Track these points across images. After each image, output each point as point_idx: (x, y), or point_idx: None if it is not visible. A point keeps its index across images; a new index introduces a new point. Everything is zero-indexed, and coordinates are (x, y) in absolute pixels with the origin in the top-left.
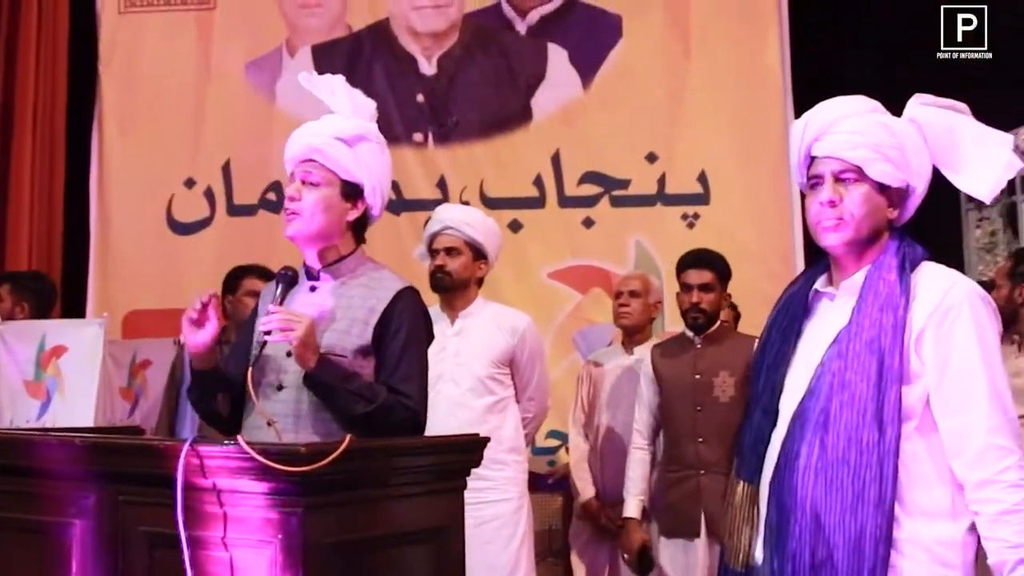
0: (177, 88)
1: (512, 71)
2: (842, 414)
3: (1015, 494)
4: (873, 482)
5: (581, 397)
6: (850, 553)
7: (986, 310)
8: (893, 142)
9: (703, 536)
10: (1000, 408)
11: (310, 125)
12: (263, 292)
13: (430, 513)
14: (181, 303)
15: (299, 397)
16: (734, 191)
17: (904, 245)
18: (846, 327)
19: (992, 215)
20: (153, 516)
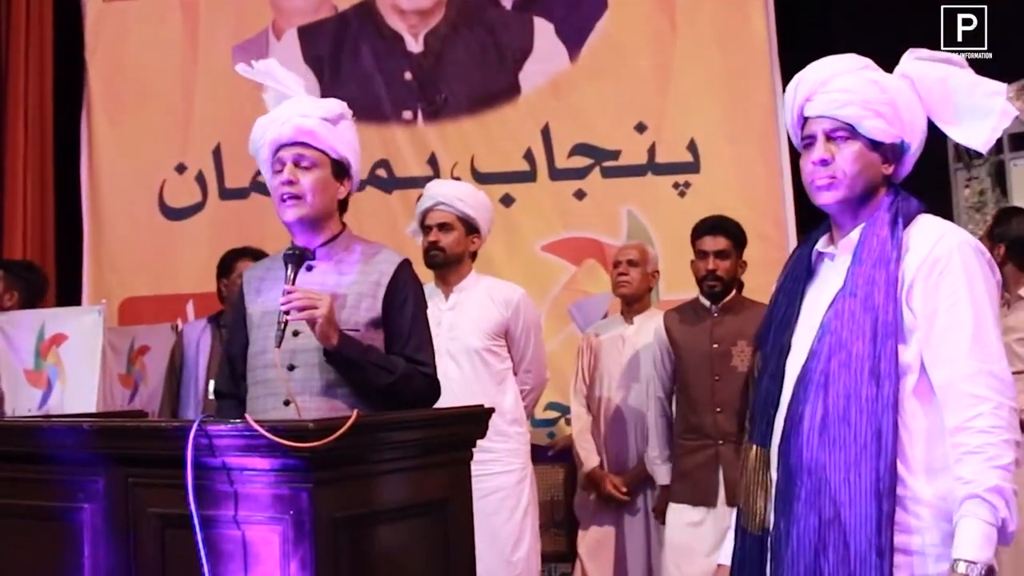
0: (164, 74)
1: (499, 46)
2: (841, 373)
3: (980, 438)
4: (873, 438)
5: (582, 368)
6: (855, 511)
7: (977, 260)
8: (884, 98)
9: (720, 505)
10: (980, 356)
11: (294, 107)
12: (248, 274)
13: (437, 485)
14: (176, 289)
15: (311, 375)
16: (724, 159)
17: (899, 200)
18: (842, 287)
19: (980, 174)
20: (164, 497)
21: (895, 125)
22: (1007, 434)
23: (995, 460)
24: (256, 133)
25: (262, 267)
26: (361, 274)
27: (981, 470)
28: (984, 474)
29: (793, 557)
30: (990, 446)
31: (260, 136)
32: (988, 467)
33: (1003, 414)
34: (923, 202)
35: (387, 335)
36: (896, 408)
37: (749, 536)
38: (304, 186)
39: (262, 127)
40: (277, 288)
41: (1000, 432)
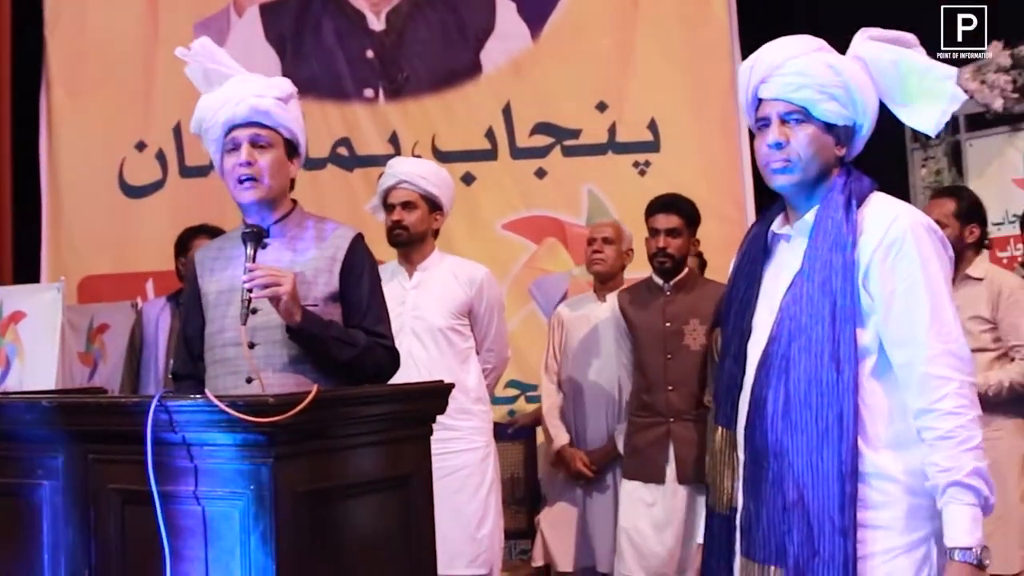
0: (125, 51)
1: (461, 24)
2: (801, 358)
3: (950, 420)
4: (835, 420)
5: (553, 345)
6: (819, 492)
7: (930, 239)
8: (838, 81)
9: (669, 481)
10: (941, 337)
11: (247, 87)
12: (200, 254)
13: (398, 460)
14: (136, 266)
15: (273, 352)
16: (684, 138)
17: (851, 180)
18: (799, 270)
19: (937, 154)
20: (124, 473)
21: (848, 108)
22: (973, 411)
23: (968, 442)
24: (204, 113)
25: (214, 247)
26: (317, 250)
27: (956, 455)
28: (961, 459)
29: (764, 537)
30: (961, 428)
31: (210, 116)
32: (962, 451)
33: (966, 392)
34: (878, 181)
35: (345, 309)
36: (857, 391)
37: (717, 515)
38: (261, 166)
39: (212, 107)
40: (232, 267)
41: (967, 411)
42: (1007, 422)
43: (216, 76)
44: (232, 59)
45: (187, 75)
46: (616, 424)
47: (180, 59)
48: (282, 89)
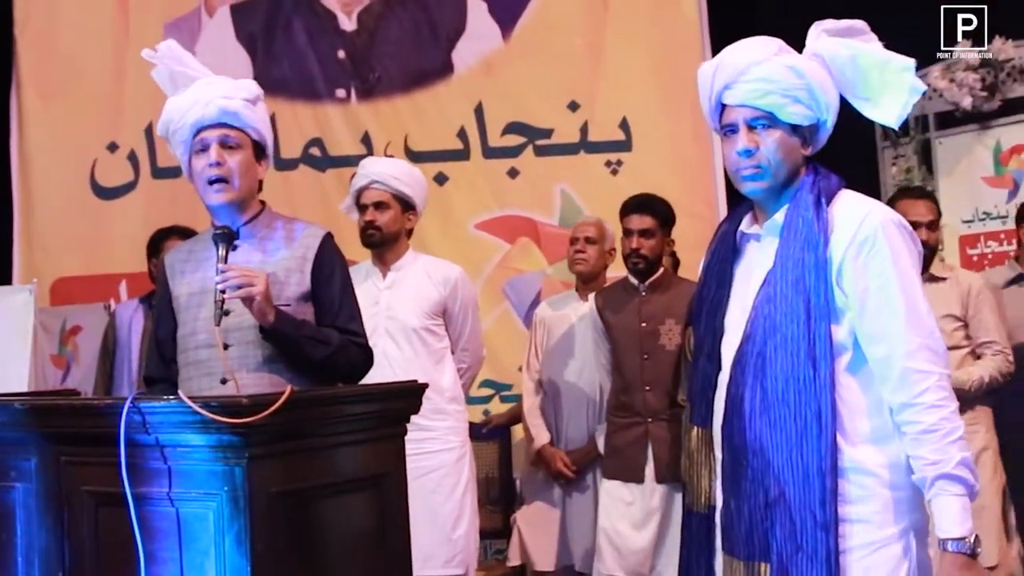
0: (96, 52)
1: (432, 24)
2: (777, 356)
3: (933, 414)
4: (814, 418)
5: (535, 344)
6: (800, 488)
7: (900, 236)
8: (801, 83)
9: (648, 481)
10: (918, 332)
11: (216, 88)
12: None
13: (372, 460)
14: (108, 268)
15: (246, 352)
16: (655, 137)
17: (819, 179)
18: (772, 269)
19: (907, 152)
20: (97, 475)
21: (813, 108)
22: (953, 403)
23: (952, 434)
24: (172, 115)
25: (184, 249)
26: (287, 250)
27: (943, 448)
28: (947, 451)
29: (747, 533)
30: (945, 421)
31: (179, 117)
32: (948, 443)
33: (945, 384)
34: (847, 179)
35: (317, 308)
36: (834, 387)
37: (696, 514)
38: (231, 167)
39: (181, 109)
40: (202, 269)
41: (948, 403)
42: (982, 415)
43: (182, 79)
44: (198, 62)
45: (153, 78)
46: (596, 424)
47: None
48: (250, 91)
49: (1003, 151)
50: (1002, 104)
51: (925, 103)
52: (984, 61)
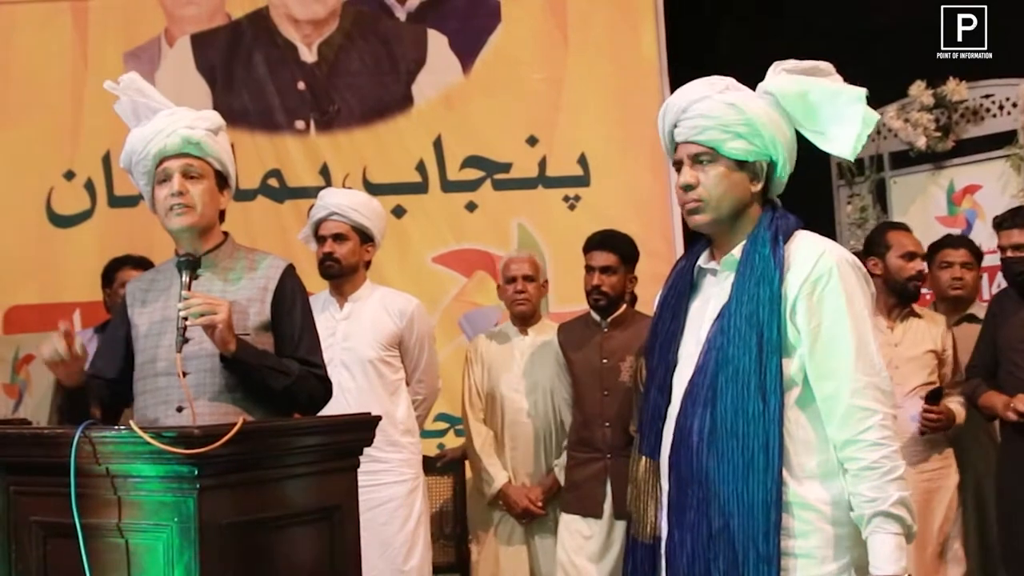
0: (53, 79)
1: (392, 57)
2: (728, 388)
3: (874, 452)
4: (760, 451)
5: (473, 382)
6: (744, 520)
7: (855, 276)
8: (741, 119)
9: (606, 516)
10: (865, 370)
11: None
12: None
13: (324, 492)
14: (63, 297)
15: (204, 380)
16: (613, 173)
17: (777, 217)
18: (727, 303)
19: (862, 191)
20: (46, 506)
21: (756, 143)
22: (894, 443)
23: (892, 473)
24: (135, 145)
25: (146, 279)
26: (248, 280)
27: (882, 486)
28: (886, 490)
29: (689, 564)
30: (885, 459)
31: (142, 148)
32: (887, 481)
33: (889, 423)
34: (803, 217)
35: (277, 339)
36: (782, 421)
37: (641, 544)
38: (194, 197)
39: (143, 139)
40: (164, 298)
41: (890, 442)
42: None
43: (145, 110)
44: (160, 93)
45: (115, 110)
46: (555, 457)
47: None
48: (212, 121)
49: (956, 191)
50: (955, 145)
51: (880, 142)
52: (938, 102)
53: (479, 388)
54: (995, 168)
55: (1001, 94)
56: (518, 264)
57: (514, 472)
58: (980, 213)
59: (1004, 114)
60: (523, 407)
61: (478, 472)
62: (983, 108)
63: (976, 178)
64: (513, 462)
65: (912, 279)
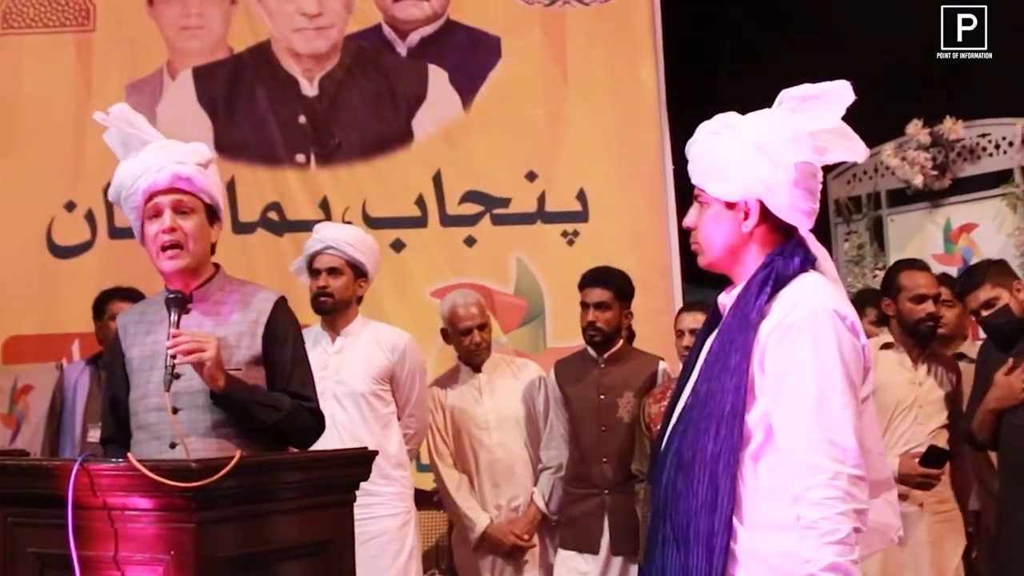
0: (57, 110)
1: (393, 92)
2: (692, 429)
3: (815, 511)
4: (710, 495)
5: (438, 428)
6: (692, 562)
7: (830, 327)
8: (712, 161)
9: (603, 552)
10: (822, 426)
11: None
12: (122, 318)
13: (321, 526)
14: (62, 328)
15: (196, 416)
16: (612, 208)
17: (778, 260)
18: (710, 345)
19: (859, 229)
20: (43, 537)
21: (730, 184)
22: (843, 505)
23: (830, 535)
24: (124, 180)
25: (136, 312)
26: (239, 314)
27: (816, 547)
28: (819, 552)
29: None
30: (824, 520)
31: (131, 183)
32: (822, 544)
33: (840, 483)
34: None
35: (269, 372)
36: (736, 468)
37: (642, 569)
38: (185, 232)
39: (133, 174)
40: (154, 332)
41: (834, 504)
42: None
43: (135, 141)
44: (150, 125)
45: (105, 140)
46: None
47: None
48: (202, 155)
49: (953, 229)
50: (952, 183)
51: (878, 180)
52: (935, 141)
53: (443, 434)
54: (991, 207)
55: (998, 133)
56: (467, 312)
57: (498, 508)
58: (976, 251)
59: (1000, 153)
60: (495, 443)
61: (459, 519)
62: (980, 147)
63: (973, 216)
64: (496, 499)
65: (922, 321)
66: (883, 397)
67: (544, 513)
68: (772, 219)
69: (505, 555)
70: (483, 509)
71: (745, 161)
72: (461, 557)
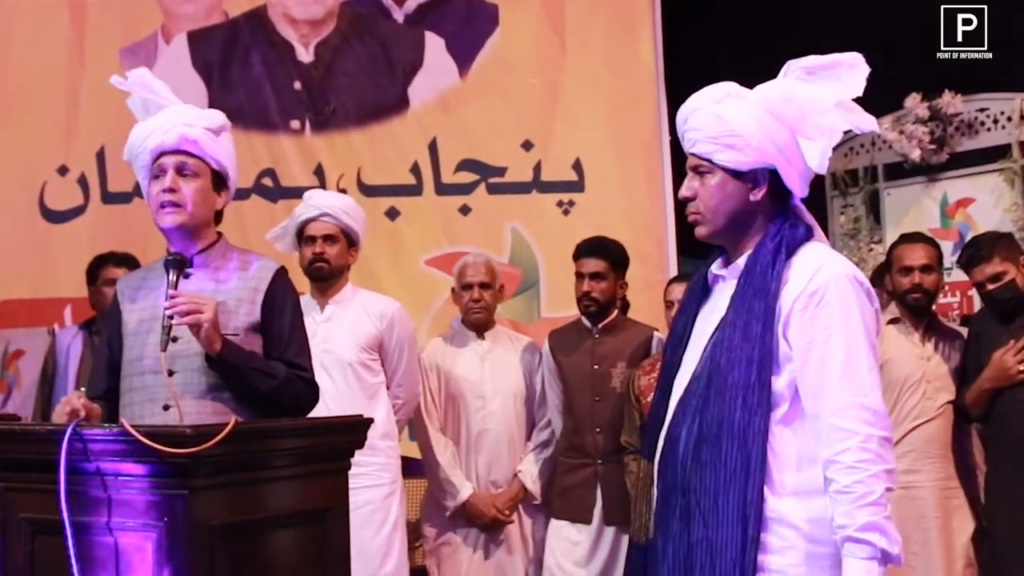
0: (49, 74)
1: (389, 59)
2: (716, 399)
3: (848, 475)
4: (742, 466)
5: (430, 389)
6: (723, 533)
7: (853, 292)
8: (727, 130)
9: (595, 522)
10: (851, 389)
11: (180, 115)
12: (122, 283)
13: (315, 494)
14: (54, 292)
15: (190, 380)
16: (608, 179)
17: (785, 228)
18: (724, 315)
19: (856, 202)
20: (36, 503)
21: (746, 153)
22: (875, 467)
23: (865, 498)
24: (136, 139)
25: (137, 276)
26: (239, 280)
27: (851, 511)
28: (855, 515)
29: (669, 572)
30: (859, 484)
31: (140, 143)
32: (857, 507)
33: (871, 446)
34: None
35: (266, 340)
36: (766, 436)
37: (635, 545)
38: (185, 194)
39: (143, 134)
40: (153, 296)
41: (868, 466)
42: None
43: (154, 106)
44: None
45: (128, 105)
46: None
47: (106, 83)
48: (213, 120)
49: (950, 204)
50: (950, 157)
51: (875, 154)
52: (933, 114)
53: (435, 396)
54: (989, 181)
55: (996, 108)
56: (474, 270)
57: (478, 479)
58: (973, 226)
59: (999, 128)
60: (489, 413)
61: (439, 483)
62: (978, 121)
63: (970, 191)
64: (480, 468)
65: (908, 292)
66: (891, 372)
67: (528, 491)
68: (774, 188)
69: (483, 527)
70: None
71: (761, 129)
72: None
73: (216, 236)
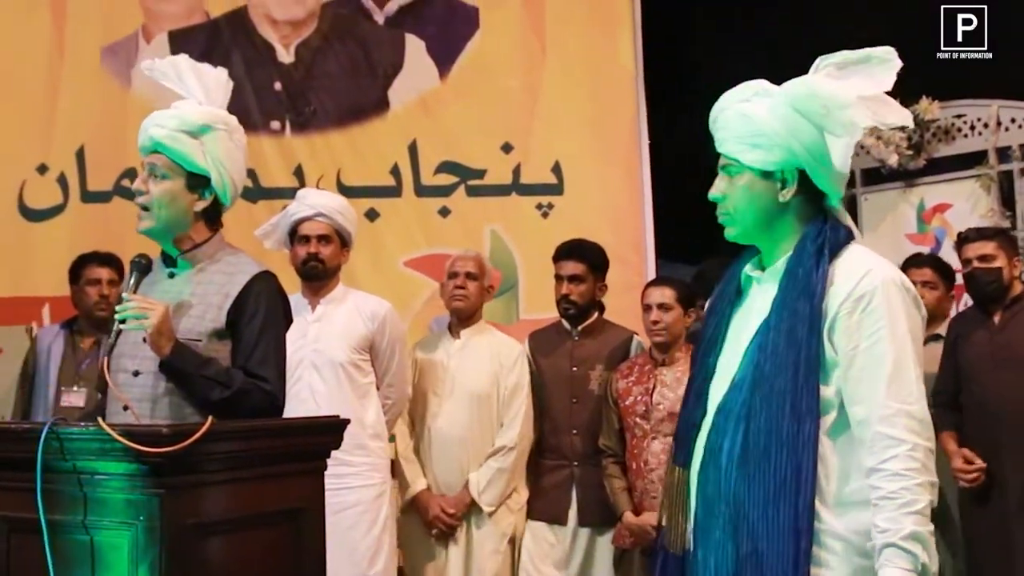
0: (29, 71)
1: (370, 60)
2: (762, 408)
3: (895, 482)
4: (793, 475)
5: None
6: (774, 546)
7: (900, 297)
8: (752, 130)
9: (571, 523)
10: (898, 397)
11: (156, 116)
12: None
13: (291, 494)
14: (33, 291)
15: (155, 382)
16: (587, 182)
17: (827, 229)
18: (767, 318)
19: None
20: (11, 501)
21: (774, 153)
22: (921, 477)
23: (910, 506)
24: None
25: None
26: (218, 284)
27: (896, 517)
28: (900, 522)
29: None
30: (905, 491)
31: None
32: (903, 514)
33: (918, 455)
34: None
35: (234, 347)
36: (816, 445)
37: (671, 556)
38: (151, 196)
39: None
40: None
41: (914, 475)
42: None
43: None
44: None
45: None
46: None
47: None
48: (189, 122)
49: (926, 209)
50: (927, 163)
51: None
52: None
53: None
54: (965, 187)
55: (973, 114)
56: (463, 261)
57: (435, 477)
58: (950, 232)
59: (975, 134)
60: (447, 413)
61: (401, 476)
62: (955, 128)
63: (946, 197)
64: (434, 467)
65: None
66: None
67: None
68: (807, 189)
69: (427, 524)
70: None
71: (786, 127)
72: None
73: (207, 235)
